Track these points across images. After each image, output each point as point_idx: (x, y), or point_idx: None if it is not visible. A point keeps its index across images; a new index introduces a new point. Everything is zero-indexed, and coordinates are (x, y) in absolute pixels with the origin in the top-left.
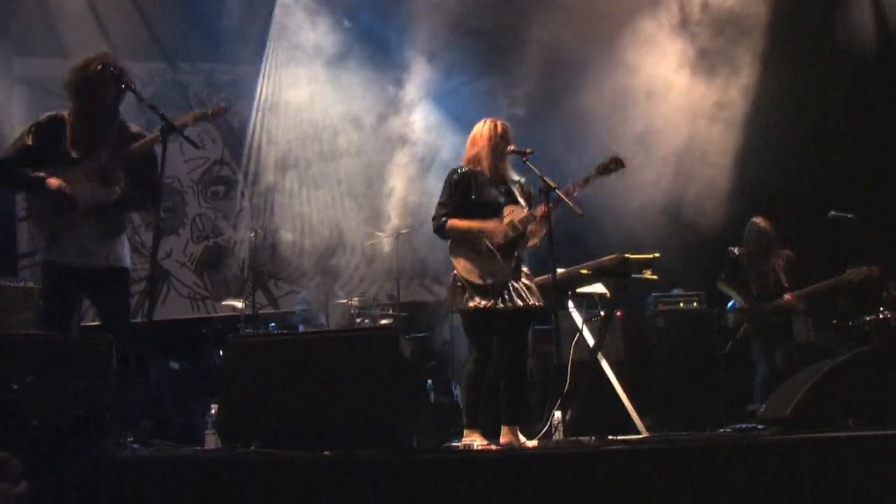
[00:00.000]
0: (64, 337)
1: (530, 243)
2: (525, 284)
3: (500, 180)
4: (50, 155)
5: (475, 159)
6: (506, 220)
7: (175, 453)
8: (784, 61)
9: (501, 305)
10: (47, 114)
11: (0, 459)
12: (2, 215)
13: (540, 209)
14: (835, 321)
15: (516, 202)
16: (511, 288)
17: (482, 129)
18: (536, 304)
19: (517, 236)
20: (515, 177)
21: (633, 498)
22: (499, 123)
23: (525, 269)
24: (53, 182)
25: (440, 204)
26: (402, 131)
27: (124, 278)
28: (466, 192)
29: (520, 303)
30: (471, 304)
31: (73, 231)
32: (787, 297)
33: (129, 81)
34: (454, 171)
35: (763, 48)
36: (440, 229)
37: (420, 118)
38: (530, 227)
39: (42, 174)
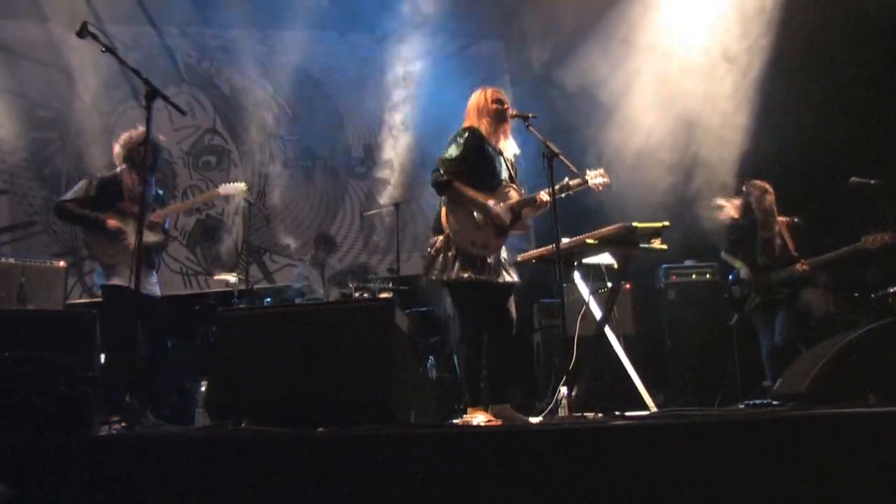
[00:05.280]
0: (46, 312)
1: (516, 231)
2: (505, 259)
3: (498, 152)
4: (108, 206)
5: None
6: (506, 202)
7: (161, 432)
8: (804, 21)
9: (494, 279)
10: (108, 172)
11: None
12: None
13: (540, 199)
14: (856, 294)
15: (514, 182)
16: (499, 262)
17: (473, 100)
18: (516, 279)
19: (514, 218)
20: (510, 151)
21: (639, 476)
22: (489, 91)
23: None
24: (112, 223)
25: (448, 159)
26: (401, 95)
27: (162, 304)
28: (478, 154)
29: (508, 278)
30: (463, 274)
31: (128, 263)
32: (799, 265)
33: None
34: (469, 129)
35: (783, 8)
36: (443, 185)
37: (421, 81)
38: (525, 210)
39: (102, 216)
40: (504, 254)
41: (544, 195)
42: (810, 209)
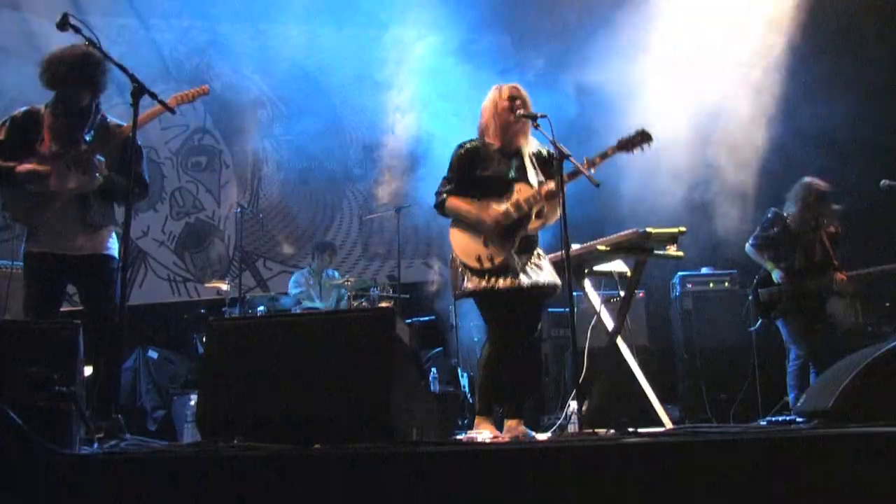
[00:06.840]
0: (23, 322)
1: (532, 225)
2: (535, 263)
3: (513, 152)
4: (25, 150)
5: (483, 129)
6: (512, 200)
7: (147, 449)
8: (829, 18)
9: (503, 284)
10: (23, 108)
11: None
12: None
13: (544, 187)
14: (887, 304)
15: (527, 179)
16: (508, 267)
17: (487, 98)
18: (549, 281)
19: (522, 216)
20: (533, 146)
21: (653, 496)
22: (504, 87)
23: (538, 249)
24: (23, 168)
25: (444, 179)
26: (404, 91)
27: (108, 263)
28: (472, 167)
29: (526, 281)
30: (469, 285)
31: (55, 222)
32: (839, 276)
33: (91, 38)
34: (461, 144)
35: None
36: (439, 206)
37: (423, 77)
38: (540, 207)
39: (11, 164)
40: (534, 257)
41: (551, 184)
42: (843, 214)
